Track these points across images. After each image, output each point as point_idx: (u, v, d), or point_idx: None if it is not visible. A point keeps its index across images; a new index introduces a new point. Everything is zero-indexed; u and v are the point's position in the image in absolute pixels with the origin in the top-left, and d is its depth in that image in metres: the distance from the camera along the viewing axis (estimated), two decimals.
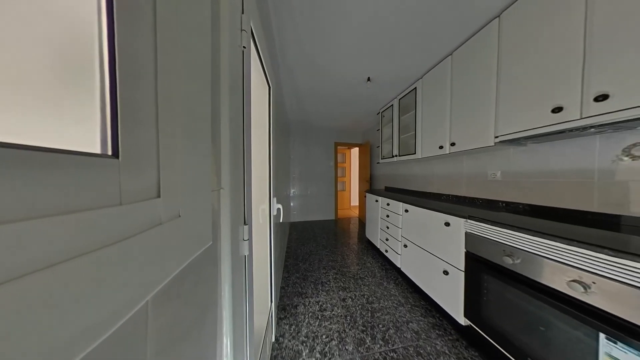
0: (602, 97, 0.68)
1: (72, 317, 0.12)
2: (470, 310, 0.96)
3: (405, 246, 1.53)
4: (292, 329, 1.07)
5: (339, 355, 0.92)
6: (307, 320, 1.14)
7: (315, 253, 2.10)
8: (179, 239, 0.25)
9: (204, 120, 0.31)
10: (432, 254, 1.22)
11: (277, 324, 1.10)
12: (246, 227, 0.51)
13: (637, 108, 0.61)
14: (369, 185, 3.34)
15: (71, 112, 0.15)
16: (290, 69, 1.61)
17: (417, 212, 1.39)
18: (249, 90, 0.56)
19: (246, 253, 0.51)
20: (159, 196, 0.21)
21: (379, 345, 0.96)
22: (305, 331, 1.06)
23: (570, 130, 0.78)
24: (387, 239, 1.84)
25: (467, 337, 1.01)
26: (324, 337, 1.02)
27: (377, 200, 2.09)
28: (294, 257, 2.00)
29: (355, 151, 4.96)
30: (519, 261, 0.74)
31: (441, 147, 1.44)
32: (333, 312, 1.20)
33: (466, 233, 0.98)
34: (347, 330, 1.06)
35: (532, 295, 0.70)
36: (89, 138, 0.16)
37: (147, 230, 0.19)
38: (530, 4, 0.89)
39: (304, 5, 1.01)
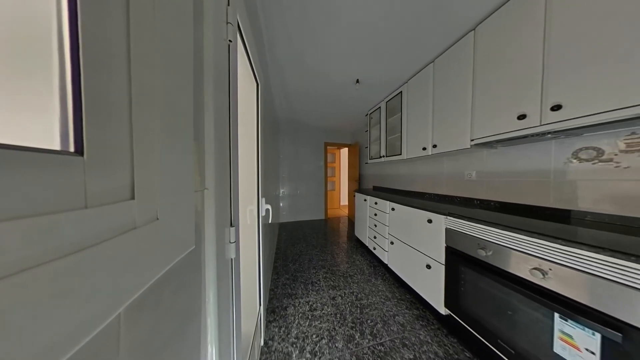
0: (556, 107, 0.78)
1: (27, 337, 0.11)
2: (449, 300, 1.03)
3: (392, 243, 1.59)
4: (281, 331, 1.06)
5: (328, 353, 0.93)
6: (297, 321, 1.13)
7: (305, 253, 2.09)
8: (157, 243, 0.23)
9: (186, 116, 0.29)
10: (416, 250, 1.29)
11: (266, 327, 1.08)
12: (233, 229, 0.49)
13: (584, 117, 0.71)
14: (358, 185, 3.42)
15: (24, 102, 0.13)
16: (280, 66, 1.58)
17: (403, 210, 1.45)
18: (235, 85, 0.53)
19: (233, 256, 0.49)
20: (133, 198, 0.20)
21: (367, 340, 0.99)
22: (295, 332, 1.05)
23: (532, 135, 0.88)
24: (375, 237, 1.90)
25: (448, 325, 1.08)
26: (314, 336, 1.02)
27: (365, 200, 2.15)
28: (283, 258, 1.97)
29: (344, 151, 5.04)
30: (490, 253, 0.82)
31: (424, 149, 1.52)
32: (323, 311, 1.21)
33: (446, 229, 1.05)
34: (337, 328, 1.08)
35: (501, 284, 0.77)
36: (46, 132, 0.14)
37: (119, 235, 0.18)
38: (501, 20, 0.99)
39: (293, 1, 0.99)
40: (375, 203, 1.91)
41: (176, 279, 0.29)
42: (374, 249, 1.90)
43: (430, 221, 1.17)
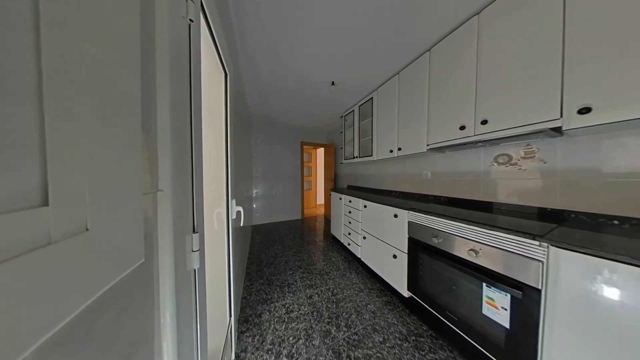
0: (484, 122, 0.98)
1: None
2: (411, 284, 1.17)
3: (365, 238, 1.71)
4: (255, 340, 1.00)
5: (305, 352, 0.92)
6: (272, 326, 1.08)
7: (281, 255, 2.03)
8: (88, 260, 0.18)
9: (130, 101, 0.24)
10: (385, 242, 1.42)
11: (238, 339, 1.00)
12: (196, 235, 0.43)
13: (500, 131, 0.92)
14: (334, 184, 3.53)
15: None
16: (252, 58, 1.48)
17: (374, 207, 1.58)
18: (198, 72, 0.47)
19: (196, 266, 0.43)
20: (46, 204, 0.15)
21: (342, 332, 1.03)
22: (271, 338, 1.01)
23: (469, 143, 1.09)
24: (349, 233, 2.00)
25: (410, 306, 1.23)
26: (290, 339, 1.00)
27: (340, 198, 2.23)
28: (257, 263, 1.86)
29: (320, 151, 5.11)
30: (441, 240, 0.97)
31: (391, 151, 1.69)
32: (300, 312, 1.20)
33: (409, 222, 1.19)
34: (313, 326, 1.09)
35: (448, 264, 0.93)
36: None
37: (23, 255, 0.13)
38: (449, 46, 1.18)
39: None
40: (350, 201, 2.01)
41: (118, 301, 0.23)
42: (349, 244, 2.00)
43: (396, 216, 1.31)
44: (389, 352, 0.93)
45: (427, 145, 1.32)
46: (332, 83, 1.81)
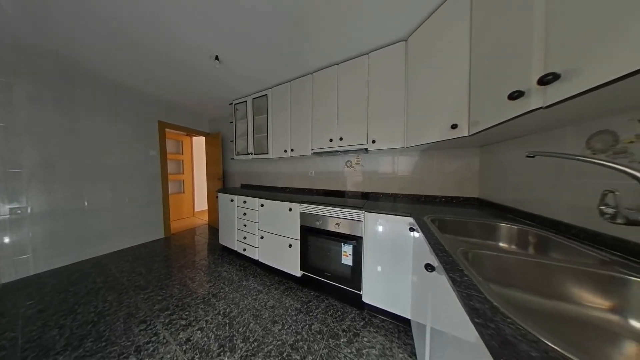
0: (341, 139, 1.50)
1: None
2: (303, 263, 1.42)
3: (262, 238, 1.68)
4: None
5: None
6: None
7: (119, 310, 1.22)
8: None
9: None
10: (282, 236, 1.54)
11: None
12: None
13: (348, 146, 1.46)
14: (223, 184, 2.92)
15: None
16: None
17: (271, 205, 1.61)
18: None
19: None
20: None
21: (239, 351, 0.93)
22: None
23: (334, 151, 1.59)
24: (245, 237, 1.82)
25: (303, 282, 1.49)
26: None
27: (232, 200, 1.93)
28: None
29: (199, 141, 3.89)
30: (321, 222, 1.31)
31: (285, 151, 1.85)
32: None
33: (300, 213, 1.42)
34: None
35: (324, 238, 1.29)
36: None
37: None
38: (323, 76, 1.57)
39: None
40: (244, 202, 1.82)
41: None
42: (244, 250, 1.82)
43: (290, 209, 1.48)
44: (288, 332, 1.03)
45: (312, 149, 1.66)
46: (217, 58, 1.47)
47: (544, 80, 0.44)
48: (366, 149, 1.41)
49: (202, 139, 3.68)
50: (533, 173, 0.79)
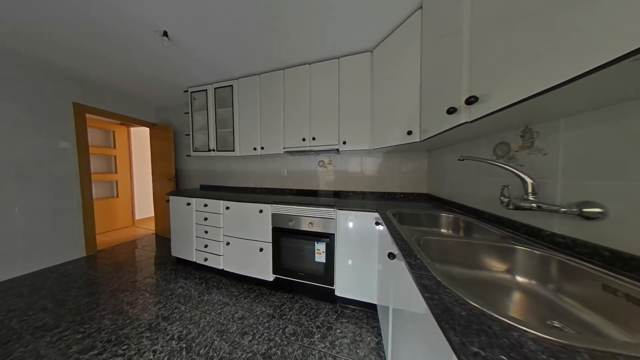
0: (314, 138, 1.51)
1: None
2: (275, 267, 1.37)
3: (228, 244, 1.52)
4: None
5: None
6: None
7: None
8: None
9: None
10: (251, 239, 1.44)
11: None
12: None
13: (321, 146, 1.49)
14: (176, 185, 2.47)
15: None
16: None
17: (238, 207, 1.48)
18: None
19: None
20: None
21: None
22: None
23: (306, 151, 1.59)
24: (206, 246, 1.61)
25: (276, 286, 1.43)
26: None
27: (189, 203, 1.67)
28: None
29: (140, 132, 3.18)
30: (294, 222, 1.29)
31: (255, 149, 1.72)
32: None
33: (272, 214, 1.36)
34: None
35: (298, 238, 1.28)
36: None
37: None
38: (295, 73, 1.55)
39: None
40: (205, 205, 1.60)
41: None
42: (206, 260, 1.61)
43: (261, 211, 1.39)
44: (259, 341, 0.98)
45: (284, 148, 1.61)
46: (165, 34, 1.23)
47: (469, 101, 0.56)
48: (338, 150, 1.47)
49: (146, 130, 3.02)
50: (462, 173, 1.00)
